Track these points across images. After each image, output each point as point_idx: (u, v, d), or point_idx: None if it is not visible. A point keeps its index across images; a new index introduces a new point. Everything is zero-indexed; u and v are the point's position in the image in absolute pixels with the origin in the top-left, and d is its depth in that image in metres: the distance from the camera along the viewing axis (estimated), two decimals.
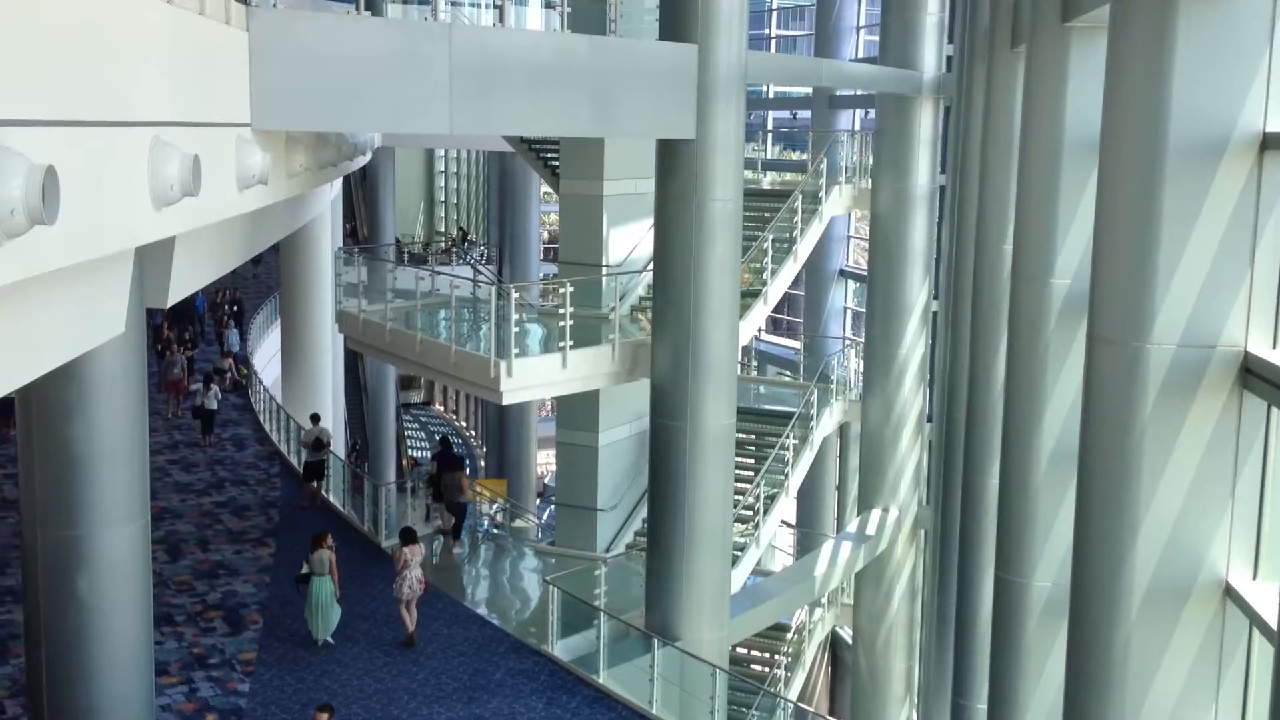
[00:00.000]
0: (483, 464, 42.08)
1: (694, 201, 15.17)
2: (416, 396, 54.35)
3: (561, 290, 17.33)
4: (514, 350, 15.99)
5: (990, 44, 16.09)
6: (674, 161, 15.28)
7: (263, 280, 41.79)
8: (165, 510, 20.53)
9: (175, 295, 11.02)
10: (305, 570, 15.47)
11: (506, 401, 16.49)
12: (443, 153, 51.20)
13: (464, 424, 50.75)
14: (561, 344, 16.58)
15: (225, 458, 24.35)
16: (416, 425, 50.80)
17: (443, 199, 52.54)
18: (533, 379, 16.42)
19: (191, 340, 31.54)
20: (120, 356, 10.48)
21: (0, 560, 17.91)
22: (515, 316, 16.25)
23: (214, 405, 25.02)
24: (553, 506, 25.49)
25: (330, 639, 15.56)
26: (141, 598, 11.21)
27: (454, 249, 44.16)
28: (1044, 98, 11.80)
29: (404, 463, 41.68)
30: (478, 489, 26.49)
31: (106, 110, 6.54)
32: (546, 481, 41.30)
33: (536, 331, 18.87)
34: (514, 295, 16.34)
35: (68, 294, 7.71)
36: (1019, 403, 12.74)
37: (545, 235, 45.33)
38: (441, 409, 54.15)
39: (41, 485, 10.68)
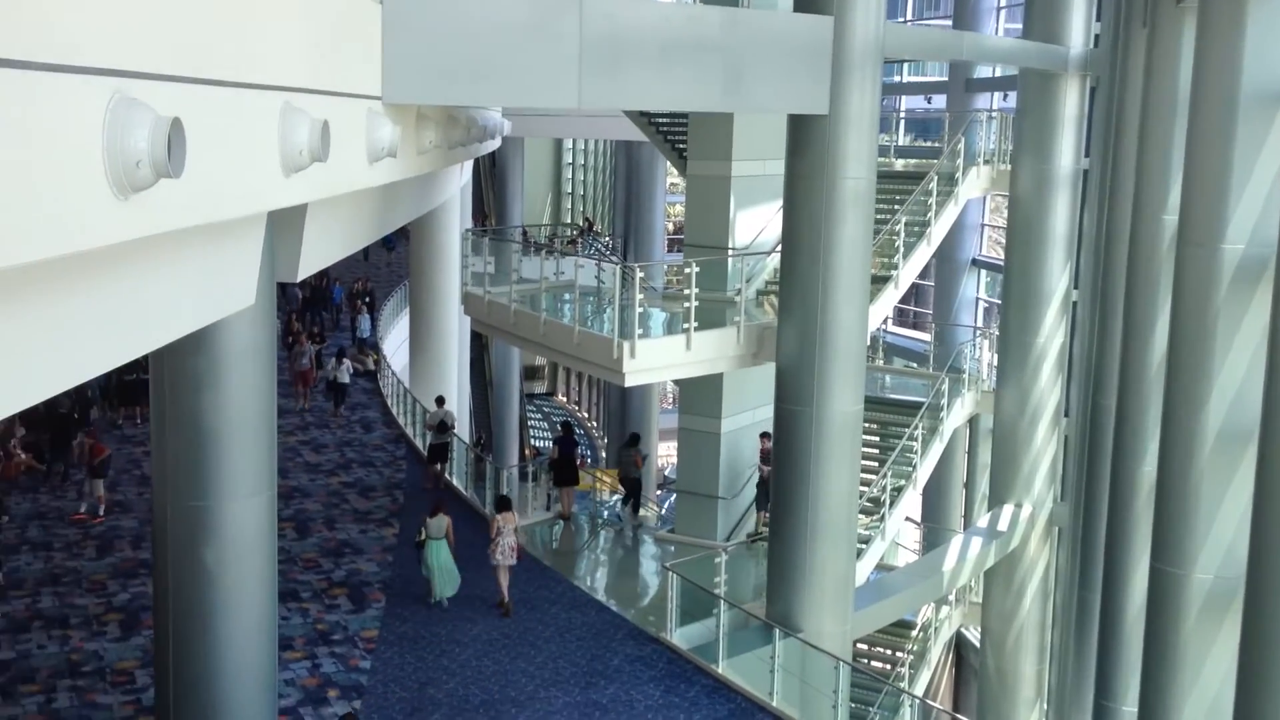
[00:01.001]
0: (604, 454, 42.16)
1: (825, 179, 14.66)
2: (540, 387, 54.77)
3: (687, 271, 17.02)
4: (638, 331, 15.78)
5: (1152, 2, 15.16)
6: (805, 138, 14.80)
7: (395, 268, 42.58)
8: (295, 489, 20.94)
9: (305, 269, 11.02)
10: (422, 537, 16.28)
11: (629, 383, 16.25)
12: (570, 144, 51.46)
13: (585, 414, 50.91)
14: (685, 325, 16.29)
15: (353, 439, 24.76)
16: (539, 415, 51.18)
17: (569, 190, 52.80)
18: (656, 360, 16.14)
19: (320, 334, 32.24)
20: (251, 329, 10.49)
21: (138, 534, 18.44)
22: (639, 297, 16.04)
23: (345, 379, 25.83)
24: (673, 496, 25.26)
25: (446, 601, 16.17)
26: (266, 570, 11.21)
27: (579, 239, 44.28)
28: (1218, 49, 11.07)
29: (526, 451, 42.02)
30: (603, 477, 26.50)
31: (237, 71, 6.46)
32: (667, 473, 41.12)
33: (660, 315, 18.62)
34: (638, 275, 16.12)
35: (198, 259, 7.70)
36: (1183, 380, 11.99)
37: (670, 226, 45.13)
38: (564, 399, 54.45)
39: (172, 456, 10.75)
